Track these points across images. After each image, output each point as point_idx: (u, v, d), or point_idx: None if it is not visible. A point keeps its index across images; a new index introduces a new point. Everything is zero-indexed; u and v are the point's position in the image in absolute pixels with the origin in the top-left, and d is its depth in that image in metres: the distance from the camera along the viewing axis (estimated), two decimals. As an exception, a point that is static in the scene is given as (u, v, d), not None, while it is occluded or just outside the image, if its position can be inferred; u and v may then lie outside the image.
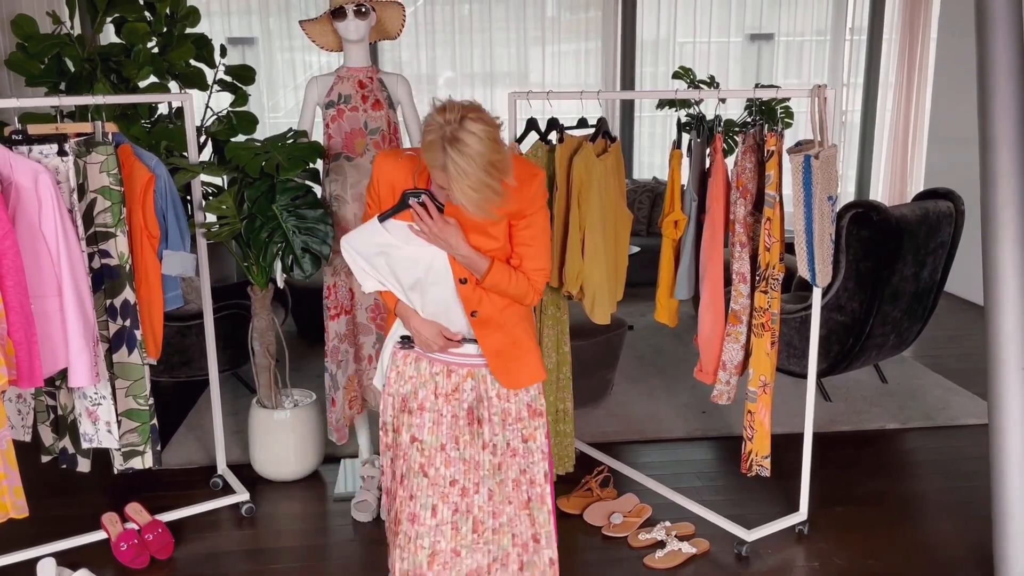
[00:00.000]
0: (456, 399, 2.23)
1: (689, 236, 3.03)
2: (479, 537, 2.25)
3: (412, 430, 2.23)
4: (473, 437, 2.23)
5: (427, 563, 2.21)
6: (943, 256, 4.09)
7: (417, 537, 2.21)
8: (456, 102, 1.87)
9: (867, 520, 3.20)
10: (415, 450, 2.22)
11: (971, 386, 4.43)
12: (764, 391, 2.90)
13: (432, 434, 2.22)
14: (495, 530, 2.27)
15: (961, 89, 6.04)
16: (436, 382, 2.24)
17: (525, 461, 2.27)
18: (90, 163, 2.65)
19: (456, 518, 2.22)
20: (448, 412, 2.23)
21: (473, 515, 2.24)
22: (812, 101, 2.73)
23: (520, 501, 2.28)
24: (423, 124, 1.91)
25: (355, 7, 3.05)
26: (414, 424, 2.23)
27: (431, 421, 2.22)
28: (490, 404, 2.23)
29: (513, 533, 2.29)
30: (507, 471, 2.26)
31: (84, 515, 3.23)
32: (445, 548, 2.22)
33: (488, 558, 2.27)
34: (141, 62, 3.95)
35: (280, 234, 3.03)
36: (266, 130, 6.59)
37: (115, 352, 2.79)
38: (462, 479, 2.23)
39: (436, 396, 2.23)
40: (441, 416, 2.22)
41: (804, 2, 7.21)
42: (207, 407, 4.16)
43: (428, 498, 2.21)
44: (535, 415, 2.27)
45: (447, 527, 2.22)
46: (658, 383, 4.53)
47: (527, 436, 2.26)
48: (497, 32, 6.95)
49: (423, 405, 2.23)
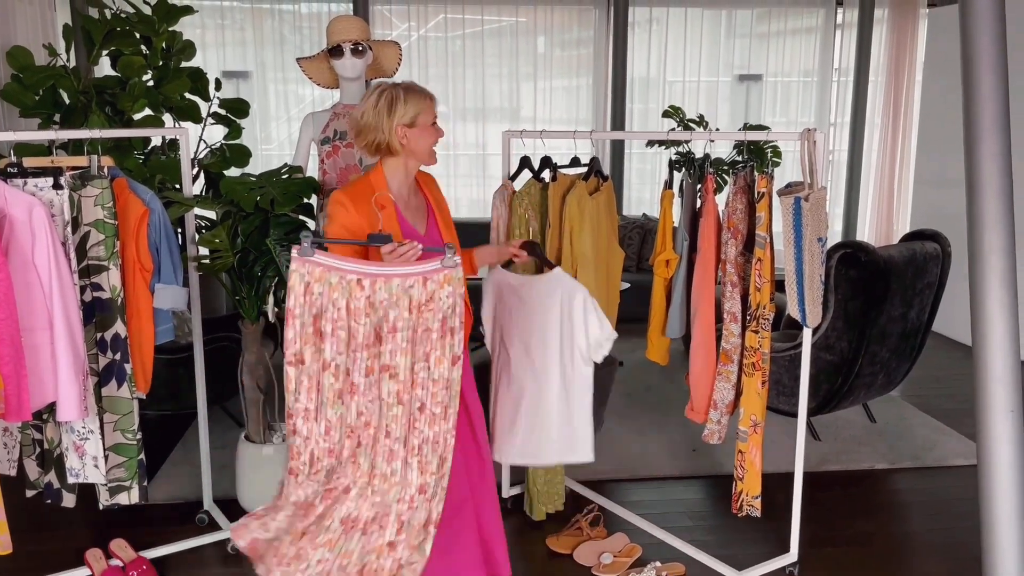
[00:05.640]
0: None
1: (680, 275, 3.05)
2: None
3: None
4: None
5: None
6: (930, 297, 4.13)
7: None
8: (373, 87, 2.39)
9: (857, 561, 3.19)
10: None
11: (959, 427, 4.45)
12: (755, 431, 2.90)
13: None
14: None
15: (946, 131, 6.13)
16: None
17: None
18: (85, 196, 2.65)
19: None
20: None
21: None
22: (802, 144, 2.77)
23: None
24: (379, 104, 2.32)
25: (352, 46, 3.08)
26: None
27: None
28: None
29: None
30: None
31: (68, 551, 3.18)
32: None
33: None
34: (136, 95, 3.97)
35: (273, 268, 3.03)
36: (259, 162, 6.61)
37: (104, 386, 2.77)
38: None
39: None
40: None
41: (792, 44, 7.33)
42: (194, 441, 4.12)
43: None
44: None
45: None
46: (648, 421, 4.52)
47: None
48: (489, 68, 7.02)
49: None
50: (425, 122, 2.36)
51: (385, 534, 2.12)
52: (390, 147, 2.35)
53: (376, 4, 6.77)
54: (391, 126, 2.31)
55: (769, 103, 7.42)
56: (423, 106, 2.34)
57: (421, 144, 2.37)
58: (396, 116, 2.31)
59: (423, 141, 2.37)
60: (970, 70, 2.55)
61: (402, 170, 2.41)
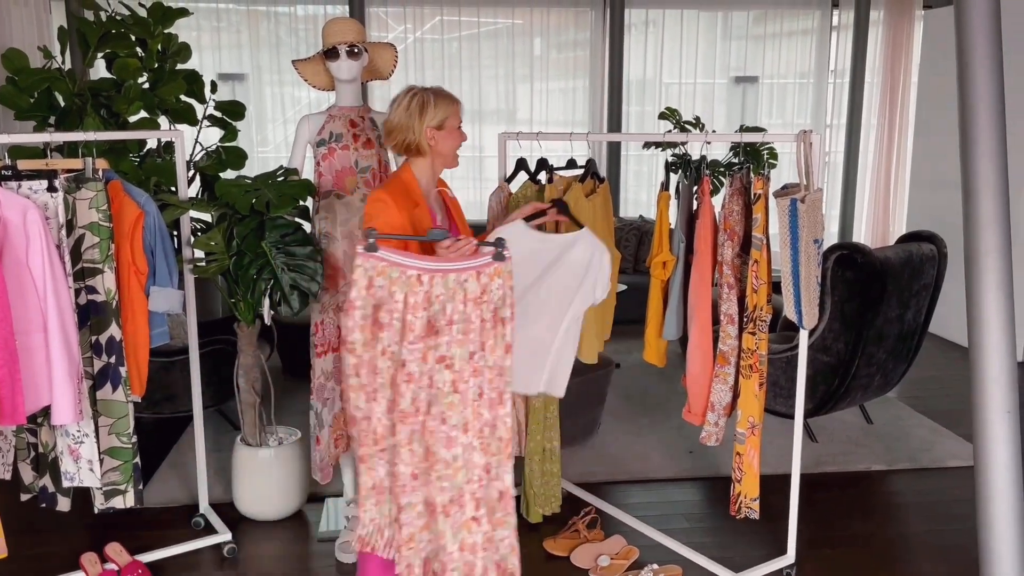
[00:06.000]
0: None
1: (677, 277, 3.05)
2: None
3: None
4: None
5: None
6: (927, 298, 4.13)
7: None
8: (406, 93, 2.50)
9: (855, 563, 3.19)
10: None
11: (956, 427, 4.45)
12: (752, 433, 2.90)
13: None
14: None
15: (942, 132, 6.14)
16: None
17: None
18: (79, 199, 2.65)
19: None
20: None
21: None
22: (798, 146, 2.77)
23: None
24: (411, 106, 2.43)
25: (348, 48, 3.07)
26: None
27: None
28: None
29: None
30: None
31: (63, 555, 3.17)
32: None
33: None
34: (131, 97, 3.96)
35: (269, 271, 3.02)
36: (255, 165, 6.61)
37: (99, 389, 2.76)
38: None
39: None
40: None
41: (788, 45, 7.34)
42: (189, 444, 4.11)
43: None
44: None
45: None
46: (645, 422, 4.52)
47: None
48: (486, 70, 7.03)
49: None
50: (452, 125, 2.50)
51: (466, 511, 2.26)
52: (419, 147, 2.48)
53: (372, 6, 6.78)
54: (421, 127, 2.45)
55: (765, 105, 7.43)
56: (451, 110, 2.48)
57: (447, 146, 2.51)
58: (426, 118, 2.45)
59: (449, 143, 2.51)
60: (965, 71, 2.55)
61: (429, 170, 2.55)
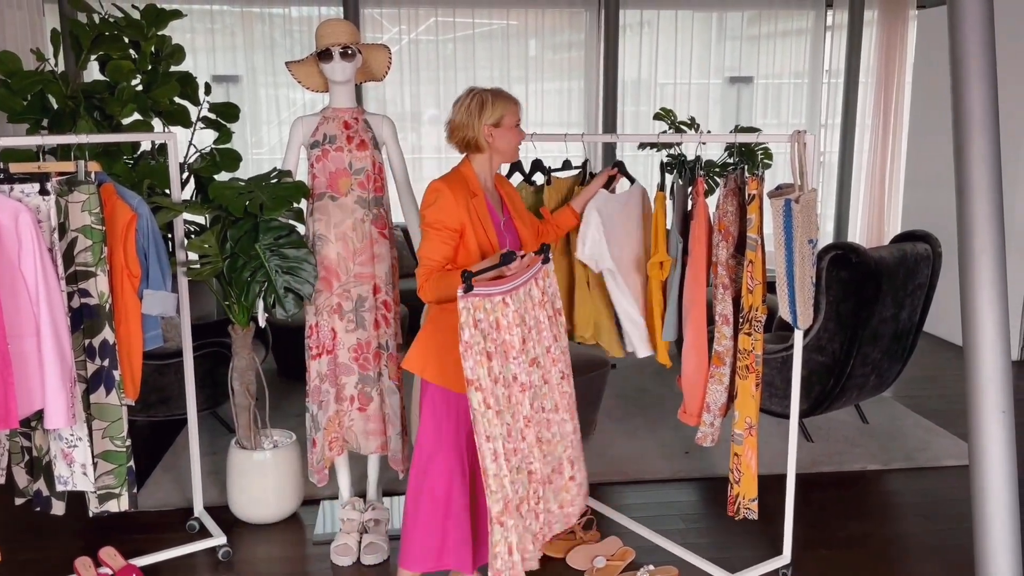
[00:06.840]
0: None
1: (675, 278, 3.05)
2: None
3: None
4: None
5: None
6: (921, 297, 4.13)
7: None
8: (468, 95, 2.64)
9: (851, 563, 3.19)
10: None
11: (951, 427, 4.46)
12: (750, 433, 2.89)
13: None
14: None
15: (936, 131, 6.15)
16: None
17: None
18: (72, 202, 2.63)
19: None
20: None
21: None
22: (792, 146, 2.77)
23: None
24: (471, 106, 2.58)
25: (341, 49, 3.07)
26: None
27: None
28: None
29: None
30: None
31: (57, 559, 3.16)
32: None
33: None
34: (125, 99, 3.95)
35: (263, 273, 3.01)
36: (249, 167, 6.58)
37: (92, 393, 2.75)
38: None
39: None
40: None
41: (782, 46, 7.34)
42: (184, 447, 4.10)
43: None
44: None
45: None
46: (641, 423, 4.52)
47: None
48: (480, 71, 7.02)
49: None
50: (509, 123, 2.63)
51: (564, 475, 2.64)
52: (478, 144, 2.62)
53: (366, 7, 6.76)
54: (480, 125, 2.59)
55: (760, 105, 7.43)
56: (508, 109, 2.62)
57: (505, 143, 2.63)
58: (484, 116, 2.58)
59: (507, 140, 2.63)
60: (959, 71, 2.56)
61: (487, 165, 2.68)
